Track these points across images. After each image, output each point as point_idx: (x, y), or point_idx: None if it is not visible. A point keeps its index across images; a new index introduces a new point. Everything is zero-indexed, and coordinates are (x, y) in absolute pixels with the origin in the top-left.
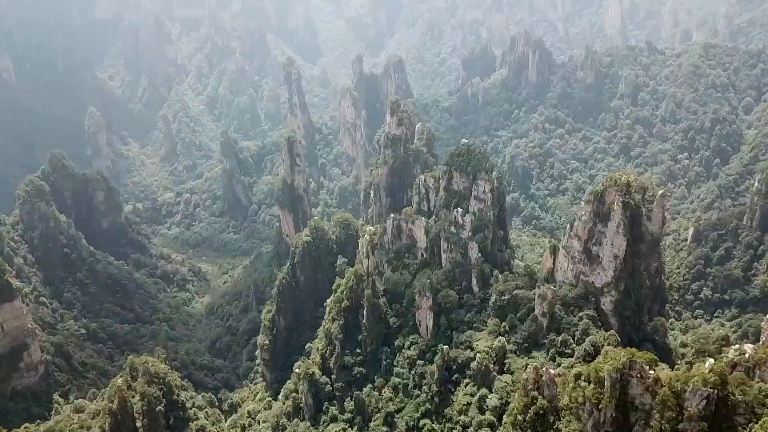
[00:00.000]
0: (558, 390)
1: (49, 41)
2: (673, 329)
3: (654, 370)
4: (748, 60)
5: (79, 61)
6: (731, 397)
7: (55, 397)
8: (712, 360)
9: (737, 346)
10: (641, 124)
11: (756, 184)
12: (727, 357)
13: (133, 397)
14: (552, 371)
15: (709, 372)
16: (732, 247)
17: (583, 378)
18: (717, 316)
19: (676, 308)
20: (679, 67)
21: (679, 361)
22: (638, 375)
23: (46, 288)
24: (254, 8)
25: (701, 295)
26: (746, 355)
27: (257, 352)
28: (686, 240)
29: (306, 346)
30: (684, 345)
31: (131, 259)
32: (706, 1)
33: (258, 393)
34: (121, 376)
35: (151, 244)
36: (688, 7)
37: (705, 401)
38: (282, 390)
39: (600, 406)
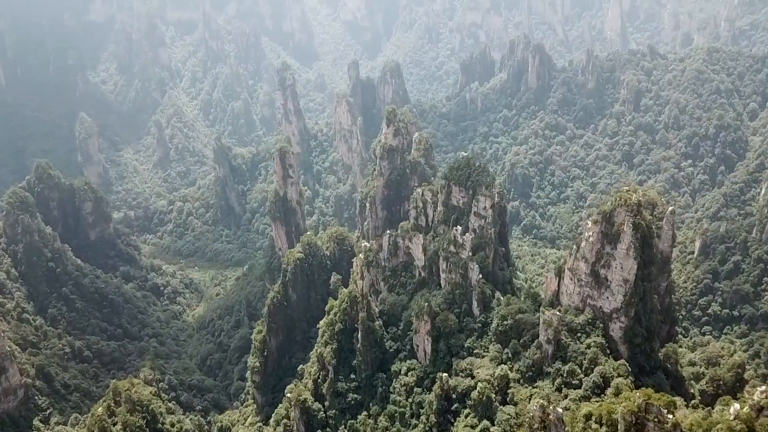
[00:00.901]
0: (566, 430)
1: (41, 44)
2: (681, 347)
3: (673, 413)
4: (752, 64)
5: (71, 64)
6: None
7: (36, 422)
8: (737, 405)
9: (763, 387)
10: (644, 131)
11: (763, 193)
12: (753, 399)
13: (114, 424)
14: (560, 410)
15: (734, 419)
16: (741, 261)
17: (594, 419)
18: (726, 333)
19: (683, 324)
20: (682, 71)
21: (692, 390)
22: (655, 419)
23: (30, 304)
24: (249, 11)
25: (709, 310)
26: None
27: (248, 374)
28: (693, 253)
29: (299, 368)
30: (692, 363)
31: (120, 272)
32: (707, 3)
33: (248, 417)
34: (104, 401)
35: (140, 255)
36: (688, 10)
37: None
38: (273, 415)
39: None
